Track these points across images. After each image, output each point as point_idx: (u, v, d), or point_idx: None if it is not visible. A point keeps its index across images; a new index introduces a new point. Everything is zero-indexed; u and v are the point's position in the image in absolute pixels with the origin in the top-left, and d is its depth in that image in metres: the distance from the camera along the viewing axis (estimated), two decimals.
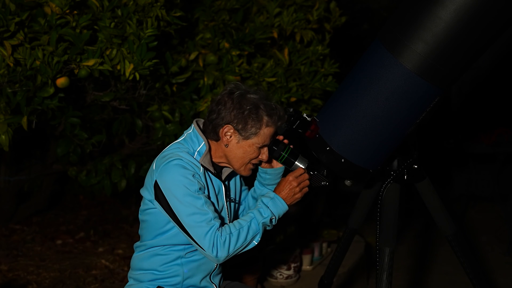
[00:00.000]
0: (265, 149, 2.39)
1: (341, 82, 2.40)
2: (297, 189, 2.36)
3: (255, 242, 2.30)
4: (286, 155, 2.42)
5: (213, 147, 2.39)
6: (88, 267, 3.96)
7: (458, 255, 2.62)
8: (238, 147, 2.34)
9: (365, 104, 2.22)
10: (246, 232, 2.26)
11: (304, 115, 2.38)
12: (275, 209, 2.33)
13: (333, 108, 2.34)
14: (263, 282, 3.69)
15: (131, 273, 2.50)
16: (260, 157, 2.39)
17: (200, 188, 2.27)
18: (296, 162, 2.43)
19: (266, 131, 2.33)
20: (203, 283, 2.46)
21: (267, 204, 2.33)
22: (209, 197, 2.35)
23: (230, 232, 2.24)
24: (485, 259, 4.59)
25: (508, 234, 4.90)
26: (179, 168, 2.26)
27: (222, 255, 2.23)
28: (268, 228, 2.35)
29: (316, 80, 3.70)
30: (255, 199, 2.62)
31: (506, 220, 5.02)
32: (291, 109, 2.38)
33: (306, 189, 2.39)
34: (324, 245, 4.18)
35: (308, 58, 3.73)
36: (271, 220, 2.32)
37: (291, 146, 2.46)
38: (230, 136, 2.32)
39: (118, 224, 4.96)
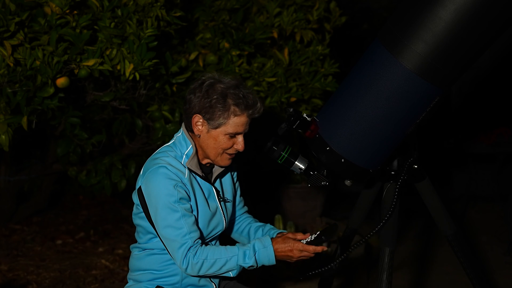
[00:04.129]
0: (240, 138, 2.34)
1: (341, 82, 2.40)
2: (294, 258, 2.31)
3: (231, 274, 2.30)
4: (286, 155, 2.42)
5: (197, 146, 2.38)
6: (88, 267, 3.96)
7: (458, 255, 2.62)
8: (208, 136, 2.32)
9: (365, 104, 2.22)
10: (222, 264, 2.26)
11: (304, 115, 2.37)
12: (262, 258, 2.28)
13: (333, 108, 2.33)
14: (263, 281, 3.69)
15: (130, 275, 2.50)
16: (235, 146, 2.35)
17: (181, 199, 2.25)
18: (296, 162, 2.42)
19: (235, 120, 2.29)
20: (202, 282, 2.44)
21: (257, 250, 2.28)
22: (196, 203, 2.34)
23: (205, 258, 2.25)
24: (485, 259, 4.58)
25: (508, 234, 4.89)
26: (162, 177, 2.25)
27: (191, 273, 2.26)
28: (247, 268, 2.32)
29: (316, 80, 3.70)
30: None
31: (506, 220, 5.02)
32: (291, 109, 2.37)
33: (303, 258, 2.32)
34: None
35: (308, 58, 3.73)
36: (250, 267, 2.30)
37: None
38: (202, 126, 2.31)
39: (118, 224, 4.95)
